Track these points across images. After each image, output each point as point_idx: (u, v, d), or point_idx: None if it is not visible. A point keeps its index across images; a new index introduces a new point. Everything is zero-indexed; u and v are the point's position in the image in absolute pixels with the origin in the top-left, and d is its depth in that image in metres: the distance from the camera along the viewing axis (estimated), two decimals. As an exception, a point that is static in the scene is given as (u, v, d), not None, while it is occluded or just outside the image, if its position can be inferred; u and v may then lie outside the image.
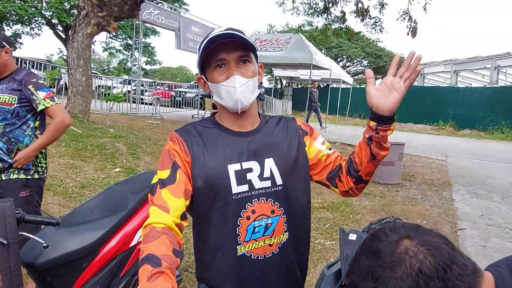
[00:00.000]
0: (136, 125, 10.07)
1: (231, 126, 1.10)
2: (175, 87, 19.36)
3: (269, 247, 1.05)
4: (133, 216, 1.87)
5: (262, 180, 1.05)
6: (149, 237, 0.90)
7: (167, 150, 1.06)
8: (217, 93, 1.06)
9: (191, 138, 1.07)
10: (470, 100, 18.19)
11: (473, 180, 6.65)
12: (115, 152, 5.51)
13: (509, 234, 4.03)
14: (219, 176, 1.03)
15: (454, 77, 27.43)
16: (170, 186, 0.99)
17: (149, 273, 0.81)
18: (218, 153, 1.05)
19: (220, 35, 1.00)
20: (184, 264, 2.94)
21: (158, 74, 53.09)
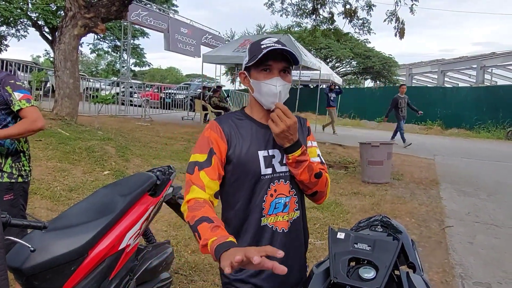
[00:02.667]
0: (125, 127, 9.99)
1: (260, 119, 1.31)
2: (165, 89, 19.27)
3: (286, 222, 1.28)
4: (122, 218, 1.85)
5: (282, 165, 1.28)
6: (196, 207, 1.12)
7: (207, 137, 1.24)
8: (257, 89, 1.25)
9: (228, 127, 1.26)
10: (456, 100, 18.47)
11: (460, 178, 6.76)
12: (103, 155, 5.45)
13: (495, 231, 4.10)
14: (251, 160, 1.24)
15: (441, 77, 27.87)
16: (207, 169, 1.19)
17: (210, 226, 1.03)
18: (250, 141, 1.26)
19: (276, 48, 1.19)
20: (175, 266, 2.93)
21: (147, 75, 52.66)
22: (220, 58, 11.54)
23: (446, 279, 2.96)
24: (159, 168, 2.31)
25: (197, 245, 3.28)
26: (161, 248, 2.16)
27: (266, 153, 1.27)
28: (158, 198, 2.08)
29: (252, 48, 1.26)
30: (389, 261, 1.25)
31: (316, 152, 1.39)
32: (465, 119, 17.39)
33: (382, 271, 1.23)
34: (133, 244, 1.91)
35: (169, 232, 3.59)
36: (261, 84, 1.23)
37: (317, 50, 27.74)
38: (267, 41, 1.24)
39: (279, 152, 1.28)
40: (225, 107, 11.30)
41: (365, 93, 23.97)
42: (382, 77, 29.05)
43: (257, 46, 1.24)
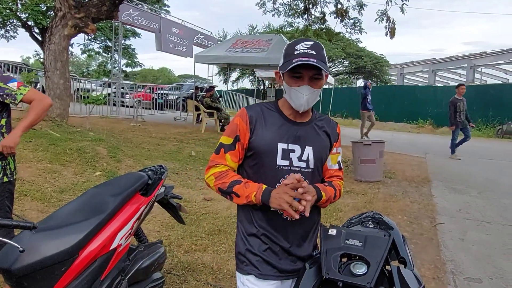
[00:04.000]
0: (117, 128, 9.91)
1: (289, 115, 1.41)
2: (157, 89, 19.16)
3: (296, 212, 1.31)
4: (113, 218, 1.83)
5: (300, 161, 1.38)
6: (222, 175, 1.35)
7: (235, 124, 1.39)
8: (288, 92, 1.37)
9: (255, 115, 1.39)
10: (447, 98, 18.57)
11: (451, 176, 6.83)
12: (95, 156, 5.40)
13: (485, 227, 4.15)
14: (270, 150, 1.36)
15: (432, 77, 28.11)
16: (231, 152, 1.38)
17: (243, 185, 1.31)
18: (273, 131, 1.37)
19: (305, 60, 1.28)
20: (168, 266, 2.91)
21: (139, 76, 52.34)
22: (212, 58, 11.52)
23: (437, 275, 2.99)
24: (151, 168, 2.30)
25: (189, 245, 3.26)
26: (153, 248, 2.15)
27: (285, 146, 1.36)
28: (150, 197, 2.07)
29: (287, 51, 1.35)
30: (380, 257, 1.26)
31: (337, 159, 1.50)
32: (456, 118, 17.56)
33: (373, 266, 1.24)
34: (125, 244, 1.89)
35: (161, 233, 3.57)
36: (291, 90, 1.34)
37: (309, 50, 27.73)
38: (301, 47, 1.32)
39: (300, 148, 1.38)
40: (218, 107, 11.27)
41: (357, 92, 24.10)
42: (374, 76, 29.25)
43: (292, 50, 1.33)
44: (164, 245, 3.30)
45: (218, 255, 3.18)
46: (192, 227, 3.76)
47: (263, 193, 1.28)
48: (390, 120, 20.01)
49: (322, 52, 1.33)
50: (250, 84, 34.72)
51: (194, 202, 4.61)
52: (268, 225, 1.38)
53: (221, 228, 3.77)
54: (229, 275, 2.84)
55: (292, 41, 1.40)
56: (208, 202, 4.65)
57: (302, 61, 1.26)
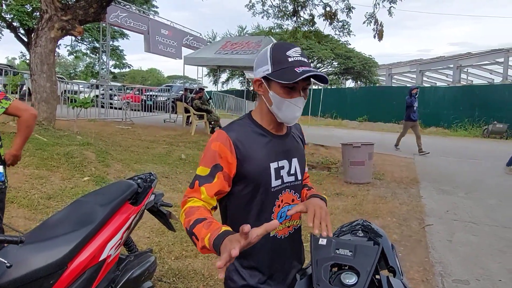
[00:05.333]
0: (106, 131, 9.80)
1: (270, 129, 1.28)
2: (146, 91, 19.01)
3: (287, 229, 1.31)
4: (102, 229, 1.81)
5: (289, 175, 1.29)
6: (191, 212, 1.10)
7: (214, 150, 1.18)
8: (278, 104, 1.21)
9: (239, 139, 1.20)
10: (434, 99, 18.95)
11: (439, 176, 6.93)
12: (83, 160, 5.33)
13: (472, 228, 4.22)
14: (264, 173, 1.22)
15: (419, 77, 28.48)
16: (207, 185, 1.16)
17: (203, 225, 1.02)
18: (262, 152, 1.23)
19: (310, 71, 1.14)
20: (158, 274, 2.89)
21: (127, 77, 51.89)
22: (201, 60, 11.49)
23: (426, 278, 3.03)
24: (140, 176, 2.28)
25: (180, 251, 3.25)
26: (143, 257, 2.13)
27: (276, 164, 1.26)
28: (140, 206, 2.05)
29: (277, 57, 1.18)
30: (370, 266, 1.27)
31: None
32: (443, 118, 17.87)
33: (363, 276, 1.25)
34: (114, 254, 1.87)
35: (151, 239, 3.55)
36: (285, 102, 1.19)
37: (299, 51, 27.85)
38: (294, 53, 1.18)
39: (287, 162, 1.29)
40: (208, 109, 11.23)
41: (346, 93, 24.34)
42: (363, 77, 29.49)
43: (283, 56, 1.17)
44: (155, 252, 3.29)
45: (209, 261, 3.17)
46: (183, 233, 3.73)
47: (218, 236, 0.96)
48: (379, 121, 20.23)
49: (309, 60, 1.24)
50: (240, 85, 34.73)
51: (185, 206, 4.59)
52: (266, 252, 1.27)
53: (212, 233, 3.76)
54: (220, 281, 2.83)
55: (277, 45, 1.23)
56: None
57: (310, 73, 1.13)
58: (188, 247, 3.41)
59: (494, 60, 22.88)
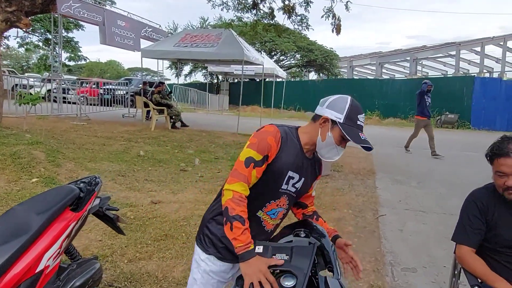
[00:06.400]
0: (59, 127, 9.34)
1: (304, 148, 1.53)
2: (103, 85, 18.27)
3: (271, 225, 1.59)
4: (38, 238, 1.70)
5: (292, 187, 1.54)
6: (238, 201, 1.37)
7: (268, 143, 1.43)
8: (328, 144, 1.46)
9: (284, 139, 1.47)
10: (392, 91, 19.67)
11: (395, 167, 7.22)
12: (31, 161, 5.04)
13: (422, 217, 4.43)
14: (281, 175, 1.48)
15: (379, 69, 29.45)
16: (258, 169, 1.42)
17: (242, 229, 1.33)
18: (290, 159, 1.48)
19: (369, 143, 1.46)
20: (110, 279, 2.79)
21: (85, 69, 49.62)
22: (160, 53, 11.18)
23: (377, 267, 3.14)
24: (83, 179, 2.17)
25: (134, 253, 3.16)
26: (87, 264, 2.04)
27: (292, 174, 1.50)
28: (81, 212, 1.95)
29: (351, 114, 1.43)
30: (306, 267, 1.28)
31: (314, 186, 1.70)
32: (400, 109, 18.60)
33: (300, 278, 1.25)
34: (53, 264, 1.77)
35: (104, 242, 3.42)
36: (333, 146, 1.45)
37: (262, 44, 27.93)
38: (362, 119, 1.46)
39: (298, 177, 1.53)
40: (168, 103, 10.98)
41: (309, 85, 24.69)
42: (325, 69, 30.05)
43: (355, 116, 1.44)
44: (106, 255, 3.18)
45: (164, 262, 3.11)
46: (138, 234, 3.64)
47: (245, 253, 1.32)
48: (340, 113, 20.69)
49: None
50: (203, 78, 34.24)
51: (141, 206, 4.47)
52: None
53: (168, 233, 3.68)
54: (174, 282, 2.79)
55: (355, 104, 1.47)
56: (156, 205, 4.53)
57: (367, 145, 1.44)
58: (142, 248, 3.33)
59: (447, 53, 24.07)
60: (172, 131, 10.53)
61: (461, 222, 1.86)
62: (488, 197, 1.81)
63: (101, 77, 44.18)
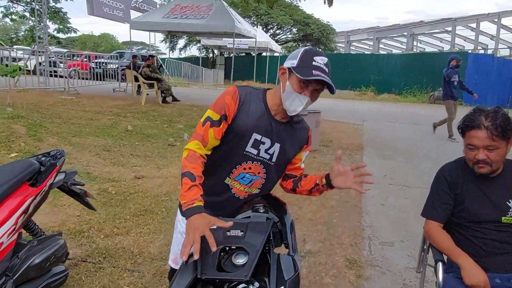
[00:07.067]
0: (46, 101, 9.14)
1: (272, 111, 1.47)
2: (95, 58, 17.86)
3: (244, 193, 1.53)
4: (-9, 214, 1.64)
5: (265, 153, 1.48)
6: (191, 158, 1.38)
7: (225, 103, 1.41)
8: (288, 94, 1.40)
9: (244, 97, 1.43)
10: (388, 66, 19.42)
11: (383, 142, 7.18)
12: (10, 135, 4.93)
13: (405, 192, 4.43)
14: (244, 136, 1.43)
15: (376, 45, 28.96)
16: (215, 128, 1.41)
17: (189, 185, 1.30)
18: (253, 120, 1.43)
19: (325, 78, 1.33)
20: (84, 254, 2.76)
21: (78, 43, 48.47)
22: (149, 25, 10.86)
23: (355, 242, 3.14)
24: (45, 153, 2.09)
25: (111, 228, 3.12)
26: (49, 241, 1.98)
27: (259, 137, 1.44)
28: (40, 188, 1.88)
29: (304, 57, 1.37)
30: (259, 244, 1.23)
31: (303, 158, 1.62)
32: (394, 85, 18.43)
33: (252, 255, 1.20)
34: (8, 241, 1.72)
35: (82, 217, 3.38)
36: (293, 94, 1.38)
37: (258, 17, 27.30)
38: (320, 60, 1.36)
39: (270, 142, 1.47)
40: (158, 77, 10.75)
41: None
42: (321, 44, 29.52)
43: (310, 59, 1.36)
44: (83, 231, 3.15)
45: (141, 237, 3.08)
46: (117, 209, 3.60)
47: (188, 209, 1.26)
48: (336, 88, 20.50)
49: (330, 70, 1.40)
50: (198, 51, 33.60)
51: (124, 181, 4.41)
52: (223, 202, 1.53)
53: (148, 208, 3.65)
54: (149, 258, 2.76)
55: (311, 49, 1.42)
56: (139, 181, 4.48)
57: (322, 78, 1.32)
58: (120, 224, 3.29)
59: (443, 28, 23.65)
60: (162, 106, 10.37)
61: (430, 197, 1.82)
62: (457, 171, 1.75)
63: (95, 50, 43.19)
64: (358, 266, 2.71)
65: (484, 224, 1.65)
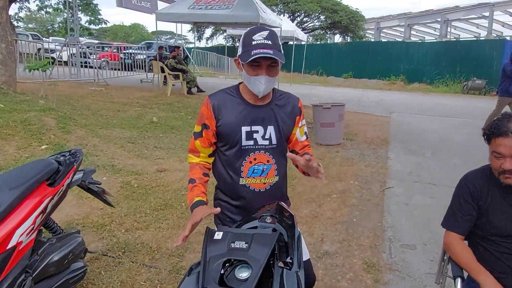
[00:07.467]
0: (77, 93, 9.45)
1: (249, 99, 1.53)
2: (124, 49, 18.24)
3: (263, 185, 1.56)
4: (9, 215, 1.70)
5: (264, 139, 1.52)
6: (191, 168, 1.58)
7: (202, 114, 1.53)
8: (246, 80, 1.47)
9: (218, 103, 1.51)
10: (419, 54, 18.64)
11: (410, 136, 6.92)
12: (41, 128, 5.12)
13: (431, 190, 4.25)
14: (234, 133, 1.50)
15: (407, 31, 27.84)
16: (200, 139, 1.55)
17: (190, 187, 1.51)
18: (236, 116, 1.50)
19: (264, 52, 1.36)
20: (105, 248, 2.85)
21: (109, 33, 49.60)
22: (174, 16, 10.89)
23: (375, 243, 3.05)
24: (64, 153, 2.15)
25: (132, 223, 3.19)
26: (67, 239, 2.04)
27: (249, 128, 1.50)
28: (57, 188, 1.93)
29: (245, 40, 1.42)
30: (263, 258, 1.20)
31: (303, 131, 1.64)
32: (426, 74, 17.70)
33: (255, 269, 1.18)
34: (27, 240, 1.78)
35: (105, 210, 3.48)
36: (250, 79, 1.44)
37: (285, 5, 26.86)
38: (258, 37, 1.39)
39: (262, 128, 1.52)
40: (183, 69, 10.83)
41: (332, 49, 23.75)
42: (350, 31, 28.70)
43: (249, 40, 1.40)
44: (105, 224, 3.24)
45: (160, 232, 3.13)
46: (138, 203, 3.68)
47: (191, 207, 1.46)
48: (364, 77, 19.98)
49: (278, 41, 1.42)
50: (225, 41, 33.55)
51: (146, 174, 4.50)
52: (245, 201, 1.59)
53: (169, 202, 3.71)
54: (167, 254, 2.81)
55: (249, 30, 1.46)
56: (161, 174, 4.55)
57: (260, 54, 1.35)
58: (141, 218, 3.36)
59: (480, 14, 22.38)
60: (187, 97, 10.47)
61: (452, 207, 1.72)
62: (482, 180, 1.64)
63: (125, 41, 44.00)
64: (377, 270, 2.64)
65: (510, 239, 1.55)
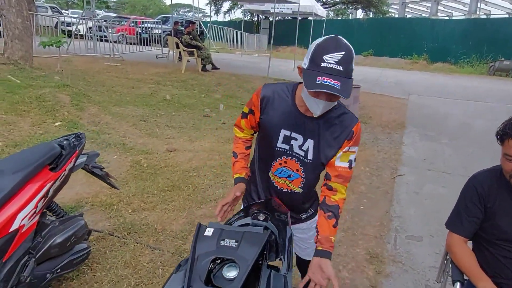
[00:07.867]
0: (93, 68, 9.50)
1: (300, 107, 1.43)
2: (141, 23, 18.10)
3: (287, 186, 1.56)
4: (11, 199, 1.73)
5: (300, 149, 1.47)
6: (234, 141, 1.69)
7: (252, 100, 1.53)
8: (305, 96, 1.33)
9: (268, 96, 1.47)
10: (444, 32, 17.84)
11: (428, 120, 6.71)
12: (55, 104, 5.19)
13: (444, 179, 4.14)
14: (272, 133, 1.48)
15: (434, 6, 26.55)
16: (245, 119, 1.60)
17: (233, 161, 1.64)
18: (279, 117, 1.45)
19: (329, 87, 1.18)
20: (111, 228, 2.91)
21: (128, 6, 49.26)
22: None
23: (380, 233, 3.02)
24: (67, 137, 2.15)
25: (139, 203, 3.22)
26: (70, 221, 2.08)
27: (288, 133, 1.45)
28: (59, 172, 1.95)
29: (315, 54, 1.23)
30: (251, 257, 1.18)
31: (348, 158, 1.43)
32: (450, 53, 17.01)
33: (242, 269, 1.16)
34: (30, 223, 1.82)
35: (113, 190, 3.49)
36: (309, 98, 1.30)
37: (305, -23, 25.87)
38: (330, 59, 1.20)
39: (302, 138, 1.45)
40: (198, 45, 10.70)
41: (353, 24, 22.97)
42: (372, 6, 27.60)
43: (320, 58, 1.21)
44: (113, 204, 3.30)
45: (165, 214, 3.17)
46: (147, 183, 3.72)
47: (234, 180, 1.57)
48: (385, 55, 19.36)
49: (350, 66, 1.22)
50: (243, 15, 32.90)
51: (156, 153, 4.53)
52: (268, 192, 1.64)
53: (176, 183, 3.73)
54: (171, 236, 2.85)
55: (324, 41, 1.25)
56: (171, 154, 4.58)
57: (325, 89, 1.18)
58: (148, 198, 3.41)
59: (515, -13, 21.03)
60: (202, 74, 10.39)
61: (457, 208, 1.66)
62: (491, 181, 1.56)
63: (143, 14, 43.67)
64: (379, 261, 2.61)
65: (515, 244, 1.48)
